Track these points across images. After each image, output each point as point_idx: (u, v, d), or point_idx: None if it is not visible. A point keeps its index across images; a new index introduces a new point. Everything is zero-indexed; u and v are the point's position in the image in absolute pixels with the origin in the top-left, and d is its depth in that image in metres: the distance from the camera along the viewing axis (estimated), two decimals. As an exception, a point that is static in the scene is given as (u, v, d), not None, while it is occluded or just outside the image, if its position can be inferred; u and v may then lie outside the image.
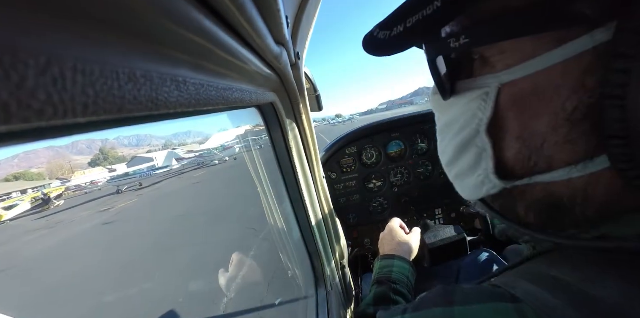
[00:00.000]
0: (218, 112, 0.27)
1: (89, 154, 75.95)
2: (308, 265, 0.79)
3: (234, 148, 18.56)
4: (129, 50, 0.12)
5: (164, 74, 0.14)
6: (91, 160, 70.75)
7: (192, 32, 0.15)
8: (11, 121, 0.07)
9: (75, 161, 72.53)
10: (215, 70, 0.22)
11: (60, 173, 54.32)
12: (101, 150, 76.00)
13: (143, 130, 0.58)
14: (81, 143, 79.35)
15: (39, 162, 76.87)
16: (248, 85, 0.33)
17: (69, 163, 69.55)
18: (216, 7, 0.16)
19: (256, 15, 0.22)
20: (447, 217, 1.25)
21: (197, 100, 0.17)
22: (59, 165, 67.98)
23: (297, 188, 0.65)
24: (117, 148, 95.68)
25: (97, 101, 0.10)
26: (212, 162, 20.87)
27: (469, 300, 0.25)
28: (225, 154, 20.41)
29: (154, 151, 50.23)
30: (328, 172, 1.17)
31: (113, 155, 71.42)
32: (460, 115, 0.28)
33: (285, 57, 0.38)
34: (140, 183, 17.49)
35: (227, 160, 20.41)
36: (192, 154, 23.08)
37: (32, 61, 0.07)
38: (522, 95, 0.23)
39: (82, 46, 0.09)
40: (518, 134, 0.25)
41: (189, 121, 0.34)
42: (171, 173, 21.82)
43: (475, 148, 0.27)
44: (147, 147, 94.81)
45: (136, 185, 17.33)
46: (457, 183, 0.32)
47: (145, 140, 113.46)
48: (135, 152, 64.39)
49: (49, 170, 68.54)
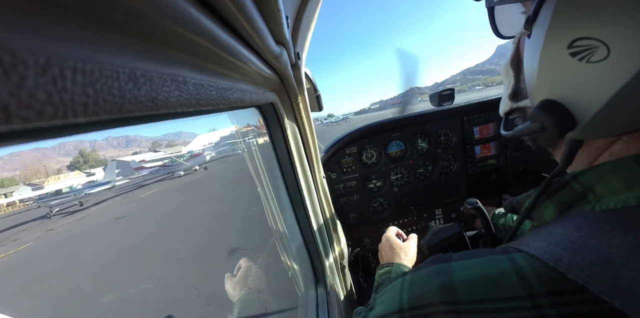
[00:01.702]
0: (218, 112, 0.27)
1: (77, 156, 73.77)
2: (308, 265, 0.79)
3: (203, 155, 16.81)
4: (129, 50, 0.12)
5: (164, 74, 0.14)
6: (70, 163, 68.01)
7: (192, 32, 0.15)
8: (11, 121, 0.07)
9: (62, 163, 70.01)
10: (215, 70, 0.22)
11: (36, 178, 51.35)
12: (81, 152, 72.92)
13: (133, 130, 0.52)
14: (68, 144, 77.40)
15: (21, 165, 73.50)
16: (248, 85, 0.33)
17: (43, 167, 66.61)
18: (216, 8, 0.16)
19: (256, 15, 0.22)
20: (447, 217, 1.25)
21: (197, 100, 0.17)
22: (34, 169, 64.63)
23: (297, 188, 0.65)
24: (106, 149, 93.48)
25: (97, 101, 0.10)
26: (176, 172, 17.03)
27: (465, 256, 0.29)
28: (193, 162, 17.24)
29: (140, 152, 45.60)
30: (328, 172, 1.16)
31: (94, 158, 68.62)
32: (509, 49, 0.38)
33: (285, 57, 0.38)
34: (80, 203, 13.75)
35: (196, 169, 17.08)
36: (152, 163, 18.48)
37: (32, 61, 0.07)
38: (529, 45, 0.30)
39: (82, 46, 0.09)
40: (522, 72, 0.32)
41: (184, 121, 0.34)
42: (125, 187, 17.46)
43: (508, 76, 0.38)
44: (137, 147, 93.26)
45: (75, 204, 13.68)
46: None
47: (135, 141, 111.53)
48: (123, 153, 62.20)
49: (23, 175, 65.23)
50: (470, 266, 0.27)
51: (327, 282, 0.80)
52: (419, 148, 1.21)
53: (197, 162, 17.10)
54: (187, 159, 17.83)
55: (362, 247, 1.25)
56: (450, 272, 0.28)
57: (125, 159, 25.79)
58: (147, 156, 21.13)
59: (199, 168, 17.00)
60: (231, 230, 4.68)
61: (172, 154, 18.93)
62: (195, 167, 17.03)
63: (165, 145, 58.65)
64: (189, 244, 4.49)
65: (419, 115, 1.18)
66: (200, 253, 4.11)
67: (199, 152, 17.44)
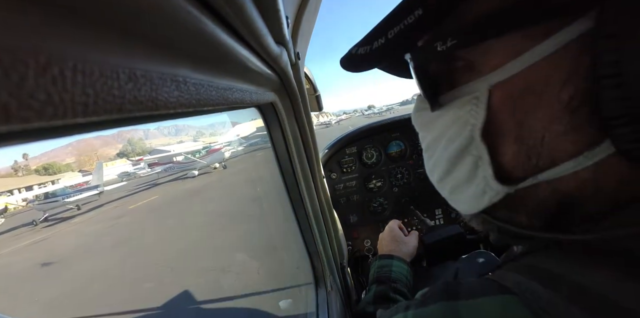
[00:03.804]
0: (218, 112, 0.27)
1: (126, 144, 73.80)
2: (308, 265, 0.79)
3: (221, 152, 13.37)
4: (129, 50, 0.12)
5: (164, 74, 0.14)
6: (120, 151, 67.28)
7: (192, 32, 0.15)
8: (11, 121, 0.07)
9: (117, 150, 68.95)
10: (215, 70, 0.22)
11: (89, 164, 50.52)
12: (129, 140, 72.59)
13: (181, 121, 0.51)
14: (125, 132, 77.12)
15: (84, 151, 73.18)
16: (248, 85, 0.33)
17: (95, 154, 65.68)
18: (216, 7, 0.16)
19: (256, 15, 0.22)
20: (447, 217, 1.25)
21: (197, 100, 0.17)
22: (88, 156, 63.48)
23: (297, 188, 0.65)
24: (157, 137, 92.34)
25: (97, 101, 0.10)
26: (190, 172, 13.71)
27: (474, 293, 0.24)
28: (210, 159, 13.73)
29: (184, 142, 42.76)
30: (328, 172, 1.16)
31: (140, 146, 67.39)
32: (450, 126, 0.27)
33: (285, 57, 0.38)
34: (77, 206, 11.11)
35: (216, 167, 13.78)
36: (168, 159, 15.14)
37: (32, 61, 0.07)
38: (515, 93, 0.23)
39: (82, 46, 0.09)
40: (515, 134, 0.24)
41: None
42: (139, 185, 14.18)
43: (470, 156, 0.26)
44: (185, 136, 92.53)
45: (73, 208, 11.07)
46: (454, 198, 0.31)
47: (183, 130, 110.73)
48: (173, 141, 60.26)
49: (79, 161, 64.13)
50: (481, 308, 0.23)
51: (327, 282, 0.80)
52: (419, 148, 1.20)
53: (215, 159, 13.69)
54: (203, 156, 14.35)
55: (362, 247, 1.25)
56: (458, 315, 0.24)
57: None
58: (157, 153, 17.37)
59: (218, 166, 13.80)
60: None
61: (185, 151, 15.37)
62: (215, 164, 13.70)
63: (209, 134, 56.25)
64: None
65: None
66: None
67: (218, 147, 14.18)
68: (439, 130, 0.28)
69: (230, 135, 14.97)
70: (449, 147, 0.27)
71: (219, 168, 13.69)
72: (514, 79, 0.23)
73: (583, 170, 0.22)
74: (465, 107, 0.25)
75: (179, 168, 14.58)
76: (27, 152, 67.67)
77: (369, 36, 0.26)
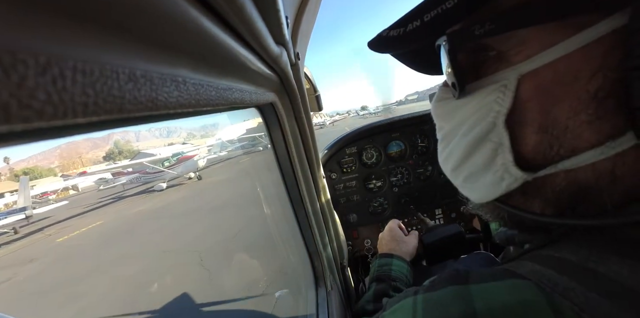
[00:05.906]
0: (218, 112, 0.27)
1: (112, 147, 73.86)
2: (308, 265, 0.79)
3: (193, 160, 11.59)
4: (129, 50, 0.12)
5: (164, 74, 0.14)
6: (106, 154, 67.04)
7: (192, 32, 0.15)
8: (11, 121, 0.07)
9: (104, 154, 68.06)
10: (215, 70, 0.22)
11: (73, 168, 49.89)
12: (115, 143, 72.17)
13: (173, 123, 0.45)
14: (116, 134, 76.98)
15: (71, 154, 72.97)
16: (248, 85, 0.33)
17: (79, 158, 65.34)
18: (216, 7, 0.16)
19: (256, 15, 0.22)
20: (447, 217, 1.25)
21: (196, 100, 0.17)
22: (72, 160, 62.65)
23: (297, 188, 0.65)
24: (149, 139, 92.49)
25: (96, 101, 0.10)
26: (157, 184, 11.54)
27: (484, 278, 0.24)
28: (181, 169, 11.52)
29: (173, 144, 40.78)
30: (328, 172, 1.16)
31: (128, 149, 66.77)
32: (473, 113, 0.27)
33: (285, 57, 0.38)
34: (13, 229, 9.37)
35: (190, 177, 11.81)
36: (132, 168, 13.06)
37: (32, 61, 0.07)
38: (543, 83, 0.23)
39: (82, 46, 0.09)
40: (539, 123, 0.24)
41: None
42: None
43: (490, 143, 0.26)
44: (177, 138, 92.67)
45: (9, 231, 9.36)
46: (468, 186, 0.31)
47: (175, 132, 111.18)
48: (165, 142, 59.56)
49: (62, 165, 63.47)
50: (493, 291, 0.22)
51: (327, 282, 0.80)
52: (419, 148, 1.21)
53: (186, 169, 11.70)
54: (172, 165, 12.03)
55: (362, 247, 1.25)
56: (470, 297, 0.23)
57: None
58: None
59: (193, 176, 11.87)
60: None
61: (147, 159, 12.74)
62: (190, 174, 11.81)
63: (199, 136, 55.56)
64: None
65: (418, 116, 1.18)
66: None
67: (190, 154, 12.38)
68: (460, 118, 0.29)
69: (211, 140, 13.24)
70: (469, 133, 0.27)
71: (193, 179, 11.91)
72: (544, 69, 0.23)
73: (603, 161, 0.23)
74: (491, 95, 0.25)
75: (145, 180, 12.61)
76: (8, 156, 66.06)
77: (404, 19, 0.26)
